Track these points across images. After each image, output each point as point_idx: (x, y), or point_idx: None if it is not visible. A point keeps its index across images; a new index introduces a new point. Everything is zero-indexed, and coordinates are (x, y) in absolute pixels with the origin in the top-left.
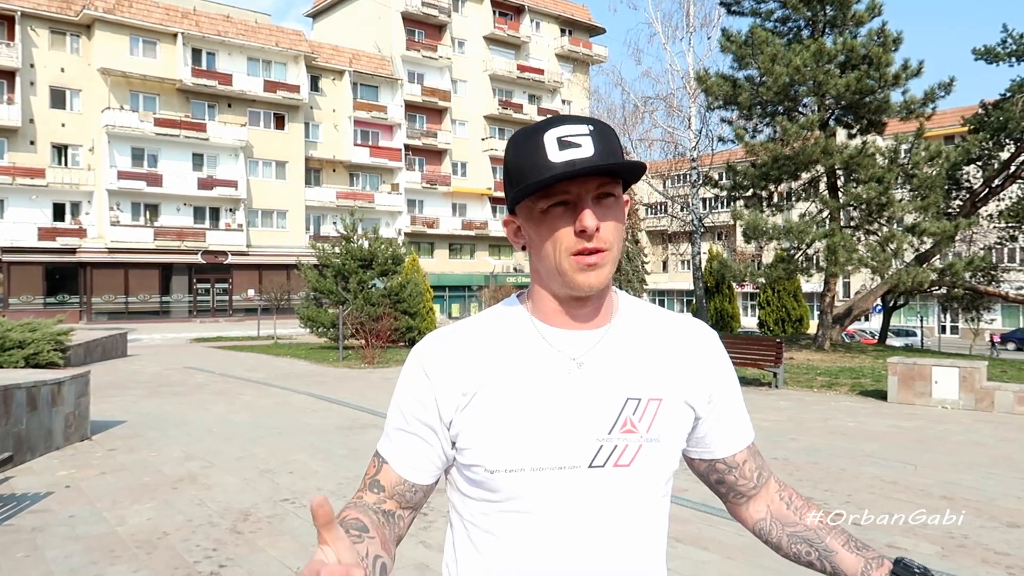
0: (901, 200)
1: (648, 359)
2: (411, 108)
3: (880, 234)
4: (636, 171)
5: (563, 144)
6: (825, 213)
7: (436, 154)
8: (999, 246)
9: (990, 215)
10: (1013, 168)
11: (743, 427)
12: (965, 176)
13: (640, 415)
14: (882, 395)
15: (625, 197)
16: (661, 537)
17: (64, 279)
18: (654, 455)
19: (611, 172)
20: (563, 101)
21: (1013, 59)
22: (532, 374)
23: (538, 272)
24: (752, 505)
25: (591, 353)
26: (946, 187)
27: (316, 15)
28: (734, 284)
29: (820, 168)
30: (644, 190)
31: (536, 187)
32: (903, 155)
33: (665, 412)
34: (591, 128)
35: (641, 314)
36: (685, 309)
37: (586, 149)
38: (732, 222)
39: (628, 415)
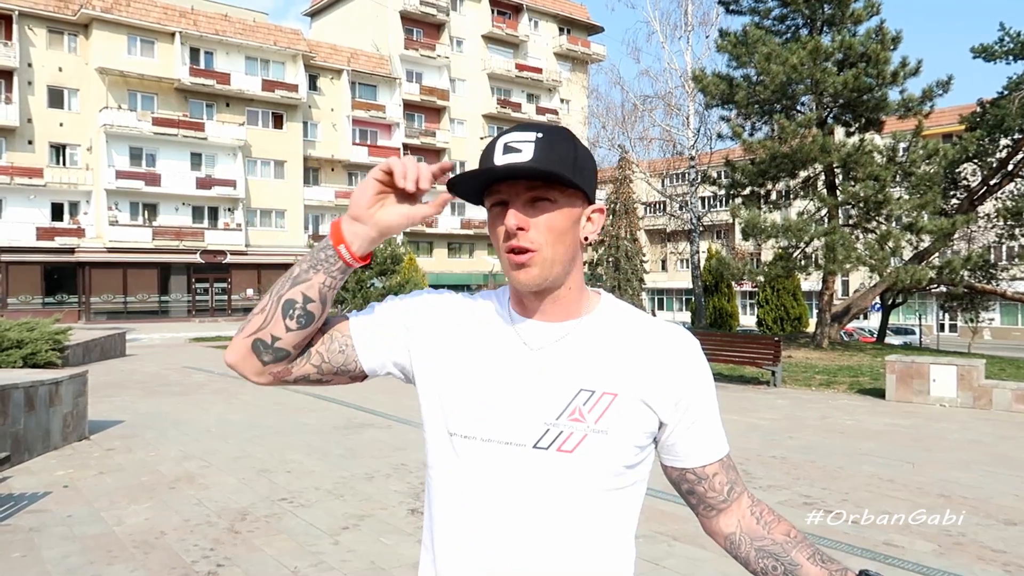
0: (899, 198)
1: (610, 355)
2: (409, 107)
3: (878, 232)
4: (557, 178)
5: (507, 149)
6: (823, 211)
7: (435, 153)
8: (997, 244)
9: (987, 214)
10: (1011, 166)
11: (716, 440)
12: (963, 174)
13: (591, 407)
14: (880, 393)
15: (599, 206)
16: (609, 532)
17: (63, 279)
18: (600, 446)
19: (526, 175)
20: (562, 100)
21: (1010, 57)
22: (493, 353)
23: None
24: (723, 519)
25: (553, 344)
26: (944, 185)
27: (314, 14)
28: (733, 283)
29: (818, 166)
30: (643, 189)
31: (460, 181)
32: (901, 153)
33: (619, 407)
34: (539, 136)
35: (619, 316)
36: (684, 308)
37: (524, 155)
38: (731, 220)
39: (578, 405)
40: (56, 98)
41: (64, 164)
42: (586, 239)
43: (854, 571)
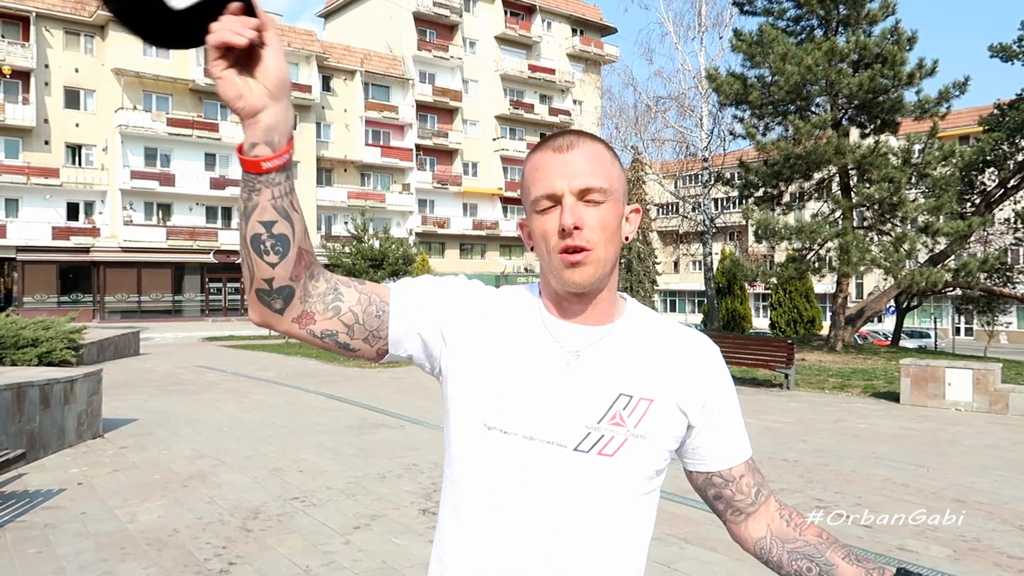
0: (914, 200)
1: (645, 360)
2: (422, 108)
3: (893, 234)
4: None
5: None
6: (837, 213)
7: (447, 154)
8: (1015, 247)
9: (1007, 219)
10: None
11: (740, 442)
12: (979, 177)
13: (630, 411)
14: (894, 397)
15: (636, 206)
16: (634, 535)
17: (78, 278)
18: (639, 450)
19: None
20: (574, 101)
21: None
22: (530, 354)
23: (542, 269)
24: (752, 523)
25: (591, 348)
26: (960, 187)
27: (328, 15)
28: (745, 285)
29: (832, 168)
30: (655, 190)
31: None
32: (916, 155)
33: (655, 412)
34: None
35: (646, 321)
36: (696, 310)
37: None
38: (744, 222)
39: (618, 409)
40: (72, 99)
41: (80, 164)
42: (626, 239)
43: (891, 570)
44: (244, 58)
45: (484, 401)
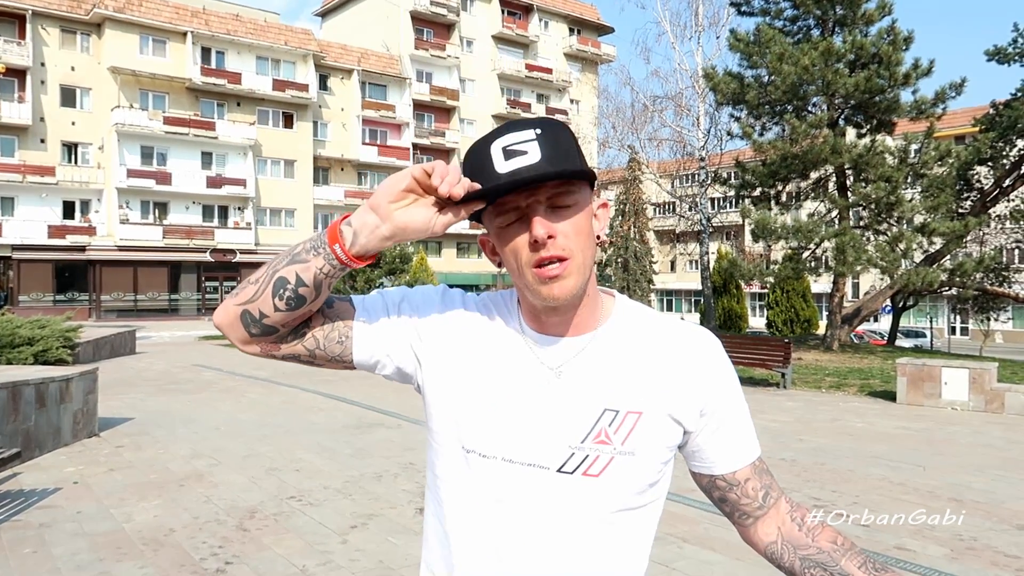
0: (911, 200)
1: (632, 370)
2: (419, 107)
3: (889, 234)
4: (582, 175)
5: (508, 154)
6: (834, 212)
7: (444, 153)
8: (1012, 247)
9: (999, 216)
10: None
11: (745, 443)
12: (976, 176)
13: (616, 427)
14: (891, 396)
15: (603, 200)
16: (629, 549)
17: (74, 277)
18: (626, 468)
19: (555, 178)
20: (571, 100)
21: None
22: (510, 371)
23: (516, 285)
24: (761, 527)
25: (572, 361)
26: (956, 187)
27: (325, 14)
28: (742, 284)
29: (829, 167)
30: (652, 189)
31: (477, 196)
32: (913, 155)
33: (644, 426)
34: (538, 132)
35: (635, 322)
36: (693, 309)
37: (532, 156)
38: (740, 222)
39: (603, 426)
40: (68, 97)
41: (76, 163)
42: (599, 238)
43: None
44: (420, 196)
45: (462, 423)
